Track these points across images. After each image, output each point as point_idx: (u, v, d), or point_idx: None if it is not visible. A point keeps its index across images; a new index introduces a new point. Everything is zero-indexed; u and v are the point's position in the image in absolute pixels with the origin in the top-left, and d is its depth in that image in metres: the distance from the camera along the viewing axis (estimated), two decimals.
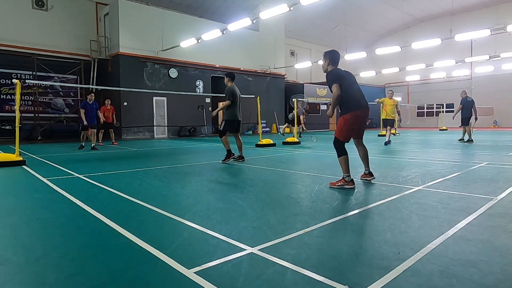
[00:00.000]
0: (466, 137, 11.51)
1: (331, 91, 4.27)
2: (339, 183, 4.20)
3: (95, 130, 10.68)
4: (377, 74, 27.17)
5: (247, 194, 4.01)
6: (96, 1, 18.49)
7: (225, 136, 6.90)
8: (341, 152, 4.25)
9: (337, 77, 4.22)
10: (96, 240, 2.50)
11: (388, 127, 11.15)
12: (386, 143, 10.54)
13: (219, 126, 7.21)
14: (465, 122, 11.48)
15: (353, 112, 4.25)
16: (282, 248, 2.24)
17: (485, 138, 13.68)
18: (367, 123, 4.83)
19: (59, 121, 17.33)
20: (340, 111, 4.37)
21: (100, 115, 11.08)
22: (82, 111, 10.31)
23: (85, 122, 10.30)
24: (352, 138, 4.42)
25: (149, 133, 18.03)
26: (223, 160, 6.87)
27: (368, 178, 4.58)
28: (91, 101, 10.48)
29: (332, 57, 4.40)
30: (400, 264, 1.97)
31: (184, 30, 18.34)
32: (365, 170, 4.61)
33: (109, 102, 13.30)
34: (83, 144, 10.61)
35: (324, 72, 4.46)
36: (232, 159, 6.88)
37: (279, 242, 2.35)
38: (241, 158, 7.07)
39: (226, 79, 7.02)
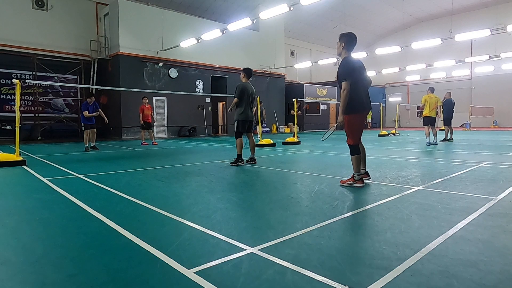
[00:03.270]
0: (449, 135, 11.96)
1: (339, 84, 4.16)
2: (349, 182, 4.24)
3: (95, 130, 10.66)
4: (377, 74, 27.13)
5: (247, 194, 4.01)
6: (96, 1, 18.48)
7: (240, 139, 6.55)
8: (355, 151, 4.24)
9: (350, 72, 4.07)
10: (96, 240, 2.50)
11: (431, 126, 10.41)
12: (435, 143, 10.32)
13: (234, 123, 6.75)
14: (448, 122, 12.14)
15: (358, 113, 4.22)
16: (282, 248, 2.24)
17: (485, 138, 13.68)
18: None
19: (59, 121, 17.32)
20: (339, 109, 4.29)
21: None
22: (86, 113, 10.25)
23: (85, 117, 10.14)
24: None
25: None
26: (231, 162, 6.57)
27: (364, 178, 4.54)
28: (91, 103, 10.43)
29: (348, 41, 4.18)
30: (400, 264, 1.97)
31: (184, 30, 18.33)
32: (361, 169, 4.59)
33: (147, 101, 12.77)
34: (88, 146, 10.41)
35: (338, 55, 4.34)
36: (240, 164, 6.47)
37: (279, 242, 2.35)
38: (252, 160, 6.67)
39: (241, 75, 6.65)
